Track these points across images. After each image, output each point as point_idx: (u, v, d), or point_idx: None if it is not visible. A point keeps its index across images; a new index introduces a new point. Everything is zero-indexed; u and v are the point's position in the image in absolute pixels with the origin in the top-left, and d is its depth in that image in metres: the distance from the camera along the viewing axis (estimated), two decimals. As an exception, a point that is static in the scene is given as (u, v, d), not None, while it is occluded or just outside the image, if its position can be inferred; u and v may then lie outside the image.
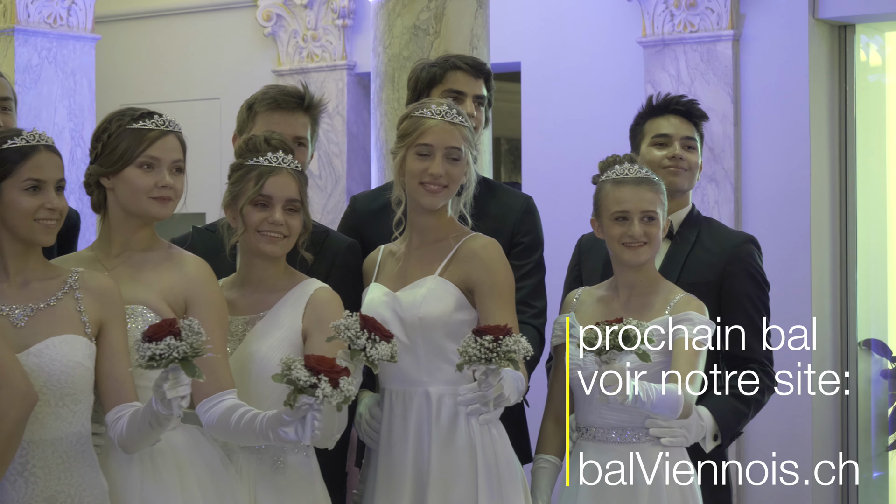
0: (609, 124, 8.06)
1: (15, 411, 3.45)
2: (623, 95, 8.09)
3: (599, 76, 8.18)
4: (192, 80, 9.51)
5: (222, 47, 9.45)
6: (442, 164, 4.03)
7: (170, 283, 3.82)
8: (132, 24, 9.62)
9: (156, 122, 3.85)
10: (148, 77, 9.62)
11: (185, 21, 9.61)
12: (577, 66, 8.21)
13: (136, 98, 9.40)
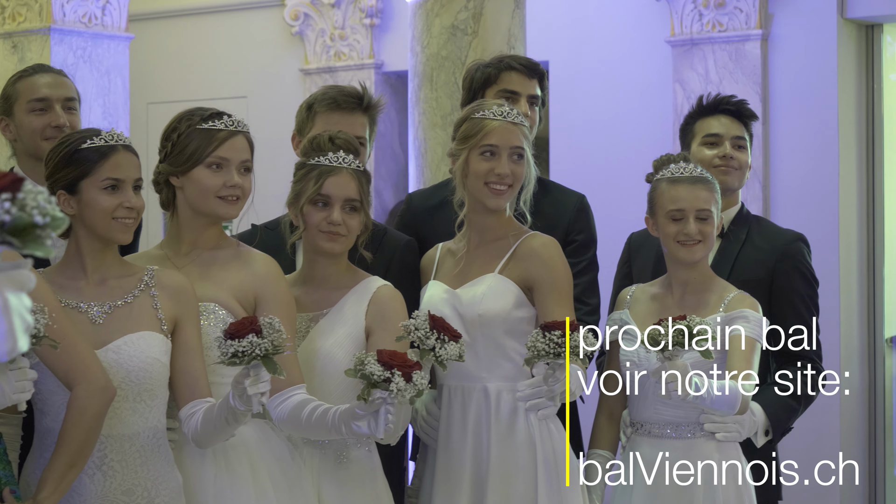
0: (637, 123, 8.15)
1: (95, 405, 3.53)
2: (651, 94, 8.17)
3: (627, 75, 8.25)
4: (220, 79, 9.59)
5: (250, 46, 9.52)
6: (507, 163, 4.10)
7: (239, 280, 3.89)
8: (160, 23, 9.69)
9: (225, 122, 3.91)
10: (176, 75, 9.69)
11: (214, 20, 9.68)
12: (605, 65, 8.28)
13: (163, 96, 9.51)
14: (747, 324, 4.15)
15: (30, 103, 4.48)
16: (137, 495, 3.63)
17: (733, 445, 4.20)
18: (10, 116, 4.48)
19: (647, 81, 8.20)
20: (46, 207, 1.80)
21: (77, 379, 3.52)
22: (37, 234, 1.79)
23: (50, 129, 4.44)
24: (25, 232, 1.78)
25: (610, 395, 4.33)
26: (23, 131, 4.47)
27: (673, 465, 4.17)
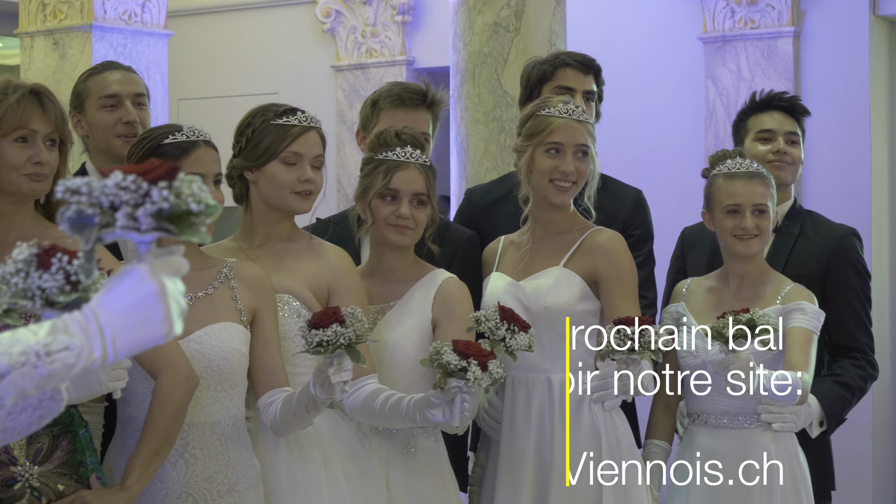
0: (669, 119, 8.24)
1: (179, 394, 3.61)
2: (683, 91, 8.26)
3: (660, 72, 8.34)
4: (251, 76, 9.67)
5: (281, 43, 9.60)
6: (572, 161, 4.18)
7: (313, 272, 3.97)
8: (192, 20, 9.77)
9: (298, 118, 3.99)
10: (207, 72, 9.77)
11: (245, 17, 9.76)
12: (638, 62, 8.36)
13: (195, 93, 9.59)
14: (804, 316, 4.23)
15: (101, 100, 4.56)
16: (218, 482, 3.71)
17: (789, 435, 4.28)
18: (82, 113, 4.56)
19: (680, 78, 8.28)
20: (201, 195, 1.88)
21: (162, 368, 3.60)
22: (191, 220, 1.87)
23: (121, 125, 4.53)
24: (181, 219, 1.86)
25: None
26: (94, 127, 4.55)
27: (730, 455, 4.25)
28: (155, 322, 1.86)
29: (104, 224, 1.84)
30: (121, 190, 1.83)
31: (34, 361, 1.78)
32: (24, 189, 3.59)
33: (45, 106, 3.63)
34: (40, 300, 1.98)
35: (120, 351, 1.85)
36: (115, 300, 1.84)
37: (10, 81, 3.66)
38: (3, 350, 1.77)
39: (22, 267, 1.99)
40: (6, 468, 3.45)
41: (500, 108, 6.41)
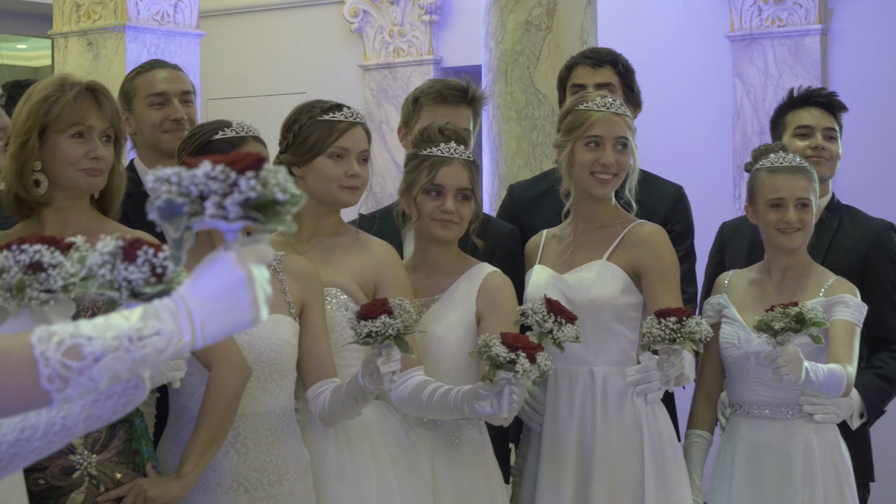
0: (697, 117, 8.28)
1: (233, 384, 3.68)
2: (711, 89, 8.31)
3: (687, 70, 8.38)
4: (279, 75, 9.73)
5: (309, 43, 9.66)
6: (612, 153, 4.24)
7: (360, 265, 4.03)
8: (219, 20, 9.83)
9: (344, 113, 4.05)
10: (236, 72, 9.84)
11: (274, 17, 9.83)
12: (665, 60, 8.41)
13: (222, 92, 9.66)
14: (847, 309, 4.28)
15: (148, 98, 4.63)
16: (269, 472, 3.77)
17: (831, 426, 4.33)
18: (130, 110, 4.63)
19: (707, 76, 8.33)
20: (286, 185, 1.94)
21: (216, 359, 3.67)
22: (277, 209, 1.93)
23: (168, 122, 4.60)
24: (267, 208, 1.92)
25: (708, 377, 4.47)
26: (142, 125, 4.62)
27: (771, 446, 4.30)
28: (242, 308, 1.92)
29: (193, 213, 1.90)
30: (210, 180, 1.89)
31: (127, 346, 1.84)
32: (80, 184, 3.66)
33: (100, 102, 3.70)
34: (126, 291, 2.05)
35: (208, 336, 1.91)
36: (203, 287, 1.90)
37: (66, 78, 3.73)
38: (97, 335, 1.83)
39: (108, 259, 2.06)
40: (65, 457, 3.52)
41: (532, 105, 6.47)
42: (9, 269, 2.41)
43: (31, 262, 2.38)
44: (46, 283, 2.39)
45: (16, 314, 2.41)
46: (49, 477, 3.52)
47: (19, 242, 2.42)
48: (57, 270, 2.38)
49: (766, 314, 3.98)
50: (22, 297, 2.39)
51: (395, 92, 9.37)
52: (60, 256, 2.38)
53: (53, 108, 3.66)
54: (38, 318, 2.39)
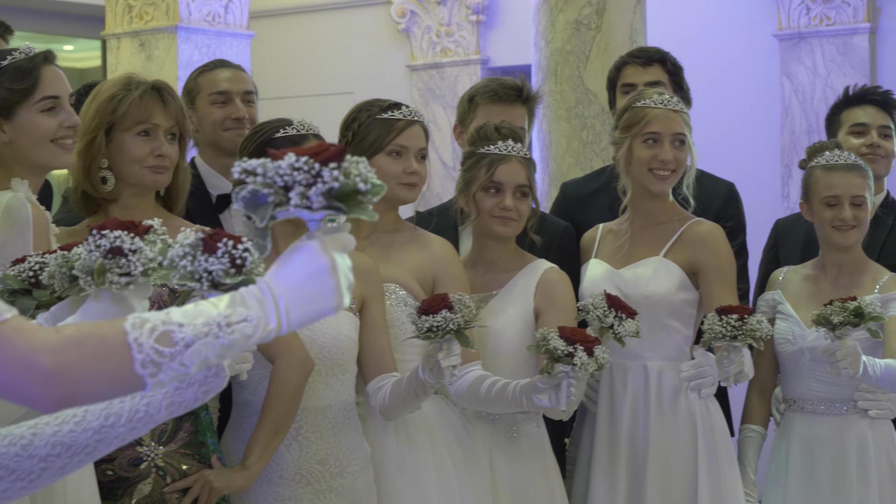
0: (745, 116, 8.30)
1: (296, 377, 3.74)
2: (759, 88, 8.32)
3: (735, 69, 8.40)
4: (327, 76, 9.79)
5: (357, 43, 9.72)
6: (670, 150, 4.27)
7: (418, 262, 4.08)
8: (267, 21, 9.89)
9: (403, 112, 4.10)
10: (284, 72, 9.90)
11: (322, 18, 9.89)
12: (713, 59, 8.42)
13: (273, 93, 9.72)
14: None
15: (211, 96, 4.70)
16: (330, 464, 3.83)
17: (885, 422, 4.35)
18: (193, 109, 4.69)
19: (755, 75, 8.34)
20: (368, 175, 2.00)
21: (279, 352, 3.73)
22: (359, 199, 1.99)
23: (230, 121, 4.67)
24: (349, 198, 1.98)
25: (762, 372, 4.50)
26: (204, 123, 4.69)
27: (826, 441, 4.33)
28: (326, 295, 1.97)
29: (277, 203, 1.96)
30: (294, 171, 1.94)
31: (216, 332, 1.89)
32: (146, 181, 3.73)
33: (165, 101, 3.77)
34: (207, 282, 2.10)
35: (293, 322, 1.96)
36: (288, 274, 1.96)
37: (132, 77, 3.80)
38: (187, 322, 1.88)
39: (189, 251, 2.12)
40: (132, 448, 3.59)
41: (581, 104, 6.50)
42: (90, 254, 2.47)
43: (112, 246, 2.44)
44: (126, 267, 2.44)
45: (96, 297, 2.47)
46: (117, 468, 3.59)
47: (100, 228, 2.47)
48: (136, 255, 2.44)
49: (825, 308, 4.01)
50: (102, 280, 2.44)
51: (443, 92, 9.42)
52: (140, 242, 2.44)
53: (120, 106, 3.73)
54: (117, 300, 2.46)
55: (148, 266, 2.45)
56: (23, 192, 3.42)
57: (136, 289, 2.47)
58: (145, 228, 2.47)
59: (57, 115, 3.53)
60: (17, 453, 2.09)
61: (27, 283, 2.69)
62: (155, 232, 2.48)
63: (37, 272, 2.68)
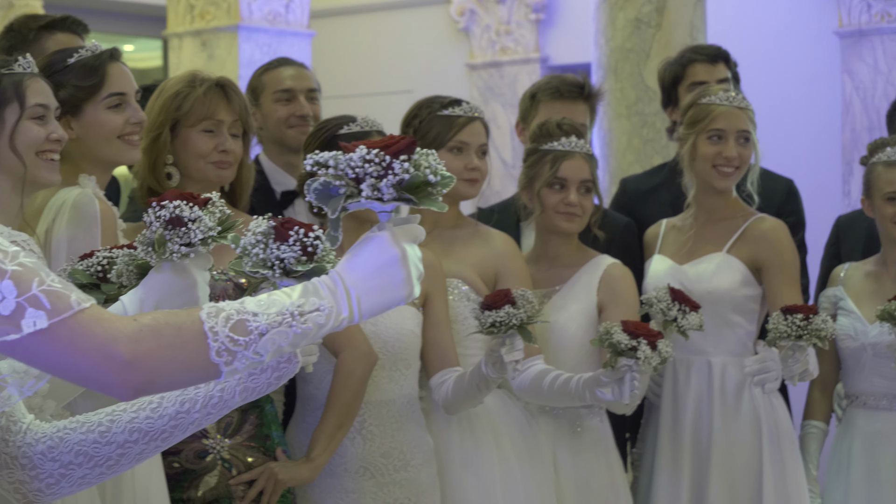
0: (806, 114, 8.26)
1: (360, 370, 3.77)
2: (820, 85, 8.28)
3: (796, 66, 8.37)
4: (387, 74, 9.83)
5: (417, 42, 9.74)
6: (734, 146, 4.28)
7: (480, 257, 4.11)
8: (331, 20, 9.94)
9: (463, 108, 4.13)
10: (344, 71, 9.95)
11: (382, 17, 9.93)
12: (774, 57, 8.40)
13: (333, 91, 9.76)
14: None
15: (275, 94, 4.75)
16: (394, 457, 3.86)
17: None
18: (257, 106, 4.74)
19: (816, 72, 8.31)
20: (437, 167, 2.03)
21: (342, 346, 3.76)
22: (429, 191, 2.02)
23: (294, 118, 4.71)
24: (419, 189, 2.01)
25: (824, 368, 4.48)
26: (268, 120, 4.74)
27: (889, 437, 4.32)
28: (396, 285, 2.00)
29: (349, 195, 1.99)
30: (366, 163, 1.98)
31: (289, 321, 1.92)
32: (210, 176, 3.77)
33: (229, 97, 3.81)
34: (279, 269, 2.14)
35: (365, 312, 1.99)
36: (359, 265, 1.99)
37: (196, 74, 3.85)
38: (262, 311, 1.92)
39: (261, 239, 2.15)
40: (198, 440, 3.63)
41: (642, 102, 6.50)
42: (150, 225, 2.49)
43: (171, 216, 2.46)
44: (186, 236, 2.46)
45: (157, 268, 2.49)
46: (183, 460, 3.63)
47: (160, 200, 2.49)
48: (196, 224, 2.45)
49: (889, 303, 4.01)
50: (163, 250, 2.47)
51: (502, 90, 9.44)
52: (199, 211, 2.46)
53: (184, 103, 3.77)
54: (178, 271, 2.48)
55: (207, 235, 2.47)
56: (90, 189, 3.46)
57: (197, 258, 2.49)
58: (204, 200, 2.48)
59: (123, 111, 3.56)
60: (95, 440, 2.13)
61: (95, 277, 2.72)
62: (213, 203, 2.49)
63: (105, 267, 2.71)
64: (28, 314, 1.82)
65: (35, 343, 1.83)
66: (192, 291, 2.48)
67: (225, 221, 2.50)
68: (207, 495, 3.63)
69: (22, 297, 1.82)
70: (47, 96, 3.19)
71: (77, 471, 2.13)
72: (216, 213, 2.50)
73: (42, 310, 1.83)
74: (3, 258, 1.84)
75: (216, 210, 2.50)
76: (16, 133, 3.12)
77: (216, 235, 2.48)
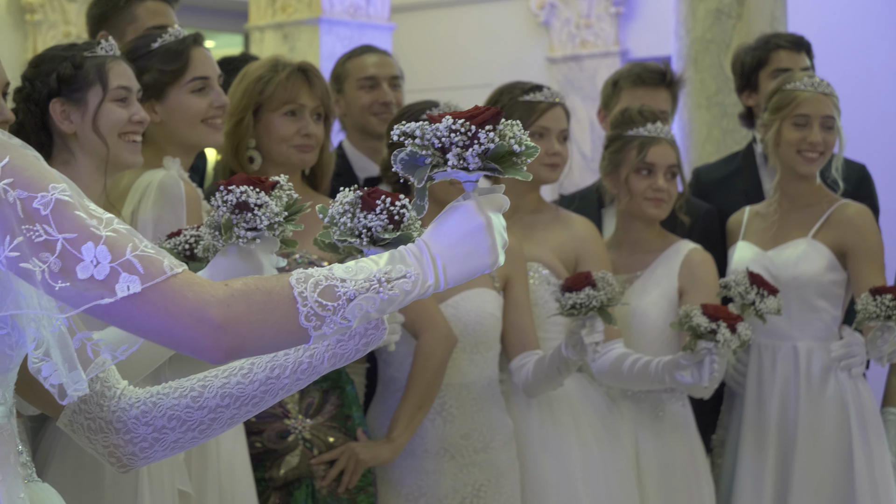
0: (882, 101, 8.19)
1: (440, 351, 3.80)
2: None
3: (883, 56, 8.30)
4: (467, 68, 9.85)
5: (497, 36, 9.76)
6: (819, 132, 4.27)
7: (561, 241, 4.13)
8: (411, 14, 9.98)
9: (544, 94, 4.15)
10: (424, 64, 9.98)
11: (462, 11, 9.95)
12: (851, 46, 8.34)
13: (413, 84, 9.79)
14: None
15: (359, 81, 4.79)
16: (474, 439, 3.89)
17: None
18: (341, 93, 4.78)
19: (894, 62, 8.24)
20: (522, 137, 2.05)
21: (423, 328, 3.79)
22: (514, 160, 2.04)
23: (377, 105, 4.75)
24: (504, 159, 2.03)
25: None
26: (352, 107, 4.78)
27: None
28: (481, 253, 2.02)
29: (434, 164, 2.02)
30: (452, 132, 2.00)
31: (377, 287, 1.95)
32: (292, 160, 3.81)
33: (311, 82, 3.85)
34: (366, 238, 2.16)
35: (450, 279, 2.01)
36: (445, 233, 2.01)
37: (279, 59, 3.89)
38: (349, 277, 1.95)
39: (348, 208, 2.18)
40: (280, 421, 3.67)
41: (722, 93, 6.47)
42: (217, 208, 2.52)
43: (238, 201, 2.47)
44: (252, 222, 2.47)
45: (224, 252, 2.51)
46: (265, 440, 3.67)
47: (227, 183, 2.50)
48: (262, 210, 2.46)
49: None
50: (230, 235, 2.48)
51: (582, 84, 9.43)
52: (265, 197, 2.47)
53: (267, 87, 3.82)
54: (244, 255, 2.50)
55: (274, 220, 2.47)
56: (175, 171, 3.51)
57: (263, 243, 2.50)
58: (272, 184, 2.49)
59: (206, 95, 3.61)
60: (187, 405, 2.17)
61: (183, 255, 2.76)
62: (281, 188, 2.50)
63: (192, 245, 2.75)
64: (122, 279, 1.86)
65: (129, 307, 1.86)
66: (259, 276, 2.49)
67: (292, 205, 2.51)
68: (289, 475, 3.67)
69: (116, 262, 1.86)
70: (129, 78, 3.24)
71: (170, 435, 2.17)
72: (283, 198, 2.51)
73: (136, 274, 1.86)
74: (98, 224, 1.88)
75: (283, 194, 2.51)
76: (98, 115, 3.18)
77: (283, 221, 2.49)
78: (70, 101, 3.19)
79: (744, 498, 4.27)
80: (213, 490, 3.42)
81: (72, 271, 1.86)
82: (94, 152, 3.19)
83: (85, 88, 3.19)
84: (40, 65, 3.26)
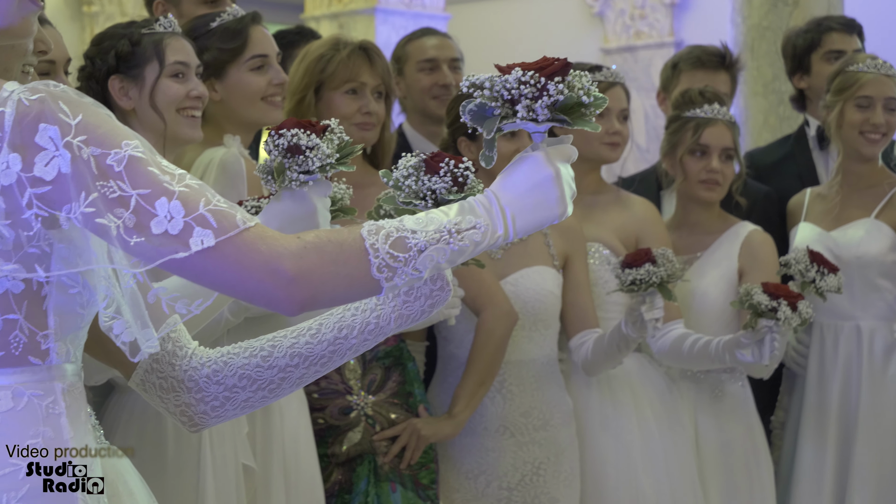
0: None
1: (501, 328, 3.80)
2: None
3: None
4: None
5: (551, 27, 9.77)
6: (882, 113, 4.26)
7: (621, 221, 4.12)
8: (466, 5, 9.99)
9: (604, 74, 4.15)
10: (479, 55, 9.97)
11: (516, 2, 9.96)
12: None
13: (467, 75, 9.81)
14: None
15: (419, 63, 4.79)
16: (534, 417, 3.89)
17: None
18: (401, 75, 4.79)
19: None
20: (591, 89, 2.05)
21: (484, 305, 3.80)
22: (582, 112, 2.04)
23: (437, 88, 4.75)
24: (573, 110, 2.03)
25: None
26: (412, 90, 4.79)
27: None
28: (550, 203, 2.03)
29: (504, 115, 2.02)
30: (521, 84, 2.00)
31: (447, 238, 1.96)
32: (354, 138, 3.79)
33: (372, 60, 3.86)
34: (431, 200, 2.17)
35: (519, 230, 2.02)
36: (514, 184, 2.02)
37: (339, 38, 3.90)
38: (420, 228, 1.95)
39: (412, 172, 2.19)
40: (343, 397, 3.69)
41: (779, 80, 6.45)
42: (270, 153, 2.52)
43: (290, 145, 2.46)
44: (305, 164, 2.45)
45: (277, 196, 2.51)
46: (328, 416, 3.69)
47: (278, 128, 2.49)
48: (314, 152, 2.45)
49: None
50: (282, 179, 2.47)
51: (636, 75, 9.41)
52: (316, 139, 2.46)
53: (328, 66, 3.83)
54: (297, 198, 2.48)
55: (326, 162, 2.46)
56: (235, 148, 3.53)
57: (316, 186, 2.49)
58: (323, 127, 2.48)
59: (266, 73, 3.62)
60: (258, 364, 2.18)
61: None
62: (332, 130, 2.49)
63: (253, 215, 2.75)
64: (196, 233, 1.87)
65: (203, 261, 1.87)
66: (313, 219, 2.48)
67: (343, 148, 2.49)
68: (351, 450, 3.68)
69: (189, 217, 1.87)
70: (187, 54, 3.26)
71: (241, 394, 2.19)
72: (335, 141, 2.49)
73: (209, 228, 1.87)
74: (171, 180, 1.89)
75: (335, 137, 2.49)
76: (155, 90, 3.20)
77: (335, 163, 2.47)
78: (128, 78, 3.22)
79: (804, 479, 4.26)
80: (278, 465, 3.43)
81: (146, 226, 1.87)
82: (153, 128, 3.21)
83: (142, 64, 3.21)
84: (100, 43, 3.29)
